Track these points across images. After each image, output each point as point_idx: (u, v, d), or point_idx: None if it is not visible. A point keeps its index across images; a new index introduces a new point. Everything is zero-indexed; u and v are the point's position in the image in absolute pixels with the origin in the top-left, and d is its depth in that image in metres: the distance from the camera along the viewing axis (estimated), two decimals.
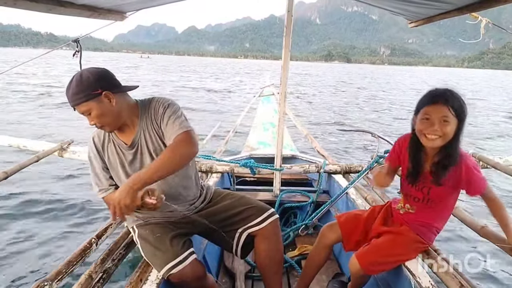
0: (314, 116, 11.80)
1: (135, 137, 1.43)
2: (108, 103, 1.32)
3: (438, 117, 1.27)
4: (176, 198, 1.51)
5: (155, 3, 2.26)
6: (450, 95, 1.27)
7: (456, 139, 1.30)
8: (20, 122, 8.49)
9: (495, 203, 1.36)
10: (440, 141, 1.30)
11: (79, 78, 1.29)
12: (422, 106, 1.32)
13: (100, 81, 1.31)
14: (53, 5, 1.51)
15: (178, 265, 1.34)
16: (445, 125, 1.26)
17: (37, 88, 15.74)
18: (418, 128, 1.33)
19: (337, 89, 24.80)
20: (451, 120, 1.26)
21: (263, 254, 1.55)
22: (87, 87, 1.28)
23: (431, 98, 1.29)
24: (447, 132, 1.27)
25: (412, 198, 1.52)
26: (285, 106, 2.47)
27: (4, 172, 2.16)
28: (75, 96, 1.28)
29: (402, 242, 1.50)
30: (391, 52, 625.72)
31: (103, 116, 1.33)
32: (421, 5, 1.90)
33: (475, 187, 1.35)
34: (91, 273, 1.38)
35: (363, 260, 1.47)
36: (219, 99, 15.58)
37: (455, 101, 1.26)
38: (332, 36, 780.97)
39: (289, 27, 2.25)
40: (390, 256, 1.49)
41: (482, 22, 2.09)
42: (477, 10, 1.74)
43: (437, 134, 1.28)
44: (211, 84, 24.20)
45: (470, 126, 9.86)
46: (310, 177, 3.19)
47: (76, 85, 1.28)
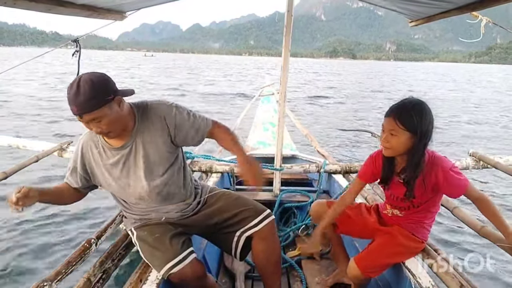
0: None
1: (129, 140, 1.40)
2: (118, 108, 1.29)
3: (388, 129, 1.37)
4: (172, 197, 1.51)
5: (154, 2, 2.26)
6: (400, 109, 1.35)
7: (415, 150, 1.35)
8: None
9: (482, 201, 1.36)
10: (390, 152, 1.40)
11: (90, 82, 1.20)
12: (384, 117, 1.42)
13: (110, 85, 1.27)
14: (53, 5, 1.51)
15: (178, 264, 1.34)
16: (392, 137, 1.36)
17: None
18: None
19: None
20: (399, 133, 1.33)
21: (261, 255, 1.55)
22: (102, 92, 1.22)
23: (387, 112, 1.39)
24: (393, 144, 1.36)
25: (398, 207, 1.57)
26: (285, 106, 2.46)
27: (4, 173, 2.16)
28: (88, 103, 1.19)
29: (397, 242, 1.53)
30: (397, 47, 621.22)
31: (113, 123, 1.28)
32: (422, 4, 1.90)
33: (456, 188, 1.37)
34: (90, 273, 1.38)
35: (362, 265, 1.49)
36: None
37: (403, 115, 1.32)
38: (337, 33, 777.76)
39: (289, 27, 2.25)
40: (387, 257, 1.52)
41: (482, 21, 2.09)
42: (478, 9, 1.74)
43: (386, 146, 1.38)
44: (243, 87, 20.44)
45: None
46: (310, 177, 3.19)
47: (89, 90, 1.19)
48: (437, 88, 24.76)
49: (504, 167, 2.44)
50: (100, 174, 1.45)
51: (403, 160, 1.43)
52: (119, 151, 1.40)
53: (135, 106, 1.43)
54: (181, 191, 1.53)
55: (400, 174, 1.47)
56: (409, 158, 1.38)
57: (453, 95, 19.95)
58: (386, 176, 1.51)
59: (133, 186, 1.44)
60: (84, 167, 1.45)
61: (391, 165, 1.49)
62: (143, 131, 1.41)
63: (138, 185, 1.43)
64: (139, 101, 1.47)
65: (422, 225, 1.55)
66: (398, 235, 1.53)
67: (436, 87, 24.99)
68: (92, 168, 1.45)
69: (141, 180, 1.42)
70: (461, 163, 2.66)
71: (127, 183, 1.43)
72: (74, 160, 1.47)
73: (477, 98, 18.75)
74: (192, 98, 14.90)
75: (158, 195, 1.46)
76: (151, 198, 1.46)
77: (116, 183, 1.44)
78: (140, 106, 1.44)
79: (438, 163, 1.37)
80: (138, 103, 1.45)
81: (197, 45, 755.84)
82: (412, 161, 1.37)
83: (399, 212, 1.57)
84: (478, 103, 16.29)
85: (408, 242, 1.53)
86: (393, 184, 1.52)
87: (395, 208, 1.58)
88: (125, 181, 1.43)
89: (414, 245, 1.54)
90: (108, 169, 1.43)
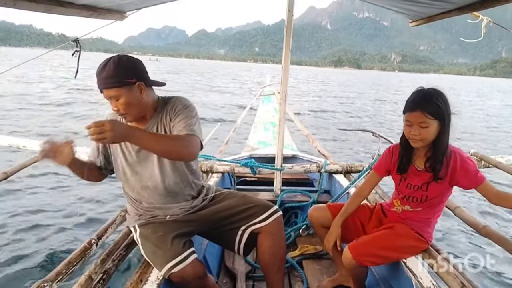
0: None
1: (147, 128, 1.44)
2: (138, 93, 1.34)
3: (417, 123, 1.38)
4: (176, 194, 1.52)
5: (154, 2, 2.26)
6: (425, 101, 1.37)
7: (442, 135, 1.40)
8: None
9: (502, 193, 1.38)
10: (421, 143, 1.42)
11: (117, 61, 1.28)
12: (404, 112, 1.44)
13: (137, 70, 1.32)
14: (53, 5, 1.51)
15: (178, 264, 1.34)
16: (424, 129, 1.38)
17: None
18: (404, 131, 1.47)
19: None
20: (430, 123, 1.37)
21: (268, 250, 1.56)
22: (124, 73, 1.28)
23: (410, 106, 1.41)
24: (426, 135, 1.39)
25: (411, 199, 1.56)
26: (285, 106, 2.46)
27: (4, 173, 2.16)
28: (109, 80, 1.27)
29: (396, 234, 1.53)
30: (402, 58, 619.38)
31: (130, 106, 1.33)
32: (422, 4, 1.90)
33: (472, 177, 1.40)
34: (91, 273, 1.37)
35: (355, 251, 1.50)
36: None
37: (431, 106, 1.36)
38: (343, 42, 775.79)
39: (289, 27, 2.25)
40: (382, 247, 1.51)
41: (483, 21, 2.09)
42: (478, 9, 1.74)
43: (417, 138, 1.40)
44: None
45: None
46: (311, 177, 3.18)
47: (113, 68, 1.26)
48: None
49: (506, 167, 2.44)
50: (117, 155, 1.49)
51: (424, 148, 1.46)
52: None
53: (162, 99, 1.49)
54: (187, 186, 1.55)
55: (418, 164, 1.50)
56: (436, 144, 1.41)
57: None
58: (404, 167, 1.53)
59: (140, 174, 1.47)
60: (104, 144, 1.48)
61: (410, 156, 1.52)
62: (159, 123, 1.45)
63: (146, 174, 1.46)
64: (169, 96, 1.52)
65: (428, 224, 1.56)
66: (399, 229, 1.54)
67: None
68: (111, 146, 1.49)
69: (151, 170, 1.45)
70: None
71: (137, 170, 1.47)
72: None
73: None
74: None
75: (162, 189, 1.48)
76: (155, 192, 1.48)
77: (128, 169, 1.47)
78: (165, 99, 1.49)
79: (456, 151, 1.43)
80: (165, 97, 1.50)
81: (203, 51, 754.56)
82: (440, 146, 1.40)
83: (410, 207, 1.57)
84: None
85: (410, 239, 1.53)
86: (410, 174, 1.53)
87: (406, 203, 1.58)
88: (137, 168, 1.47)
89: (416, 244, 1.54)
90: (125, 153, 1.47)
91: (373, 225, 1.68)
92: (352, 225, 1.69)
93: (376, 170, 1.67)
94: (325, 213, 1.74)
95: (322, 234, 1.77)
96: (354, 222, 1.70)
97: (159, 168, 1.46)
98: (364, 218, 1.72)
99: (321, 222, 1.76)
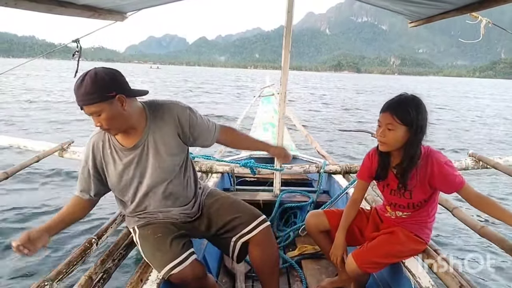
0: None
1: (141, 139, 1.40)
2: (120, 106, 1.27)
3: (385, 124, 1.39)
4: (176, 198, 1.52)
5: (155, 3, 2.26)
6: (397, 105, 1.38)
7: (411, 143, 1.38)
8: None
9: (482, 198, 1.37)
10: (386, 147, 1.42)
11: (93, 77, 1.21)
12: (380, 112, 1.44)
13: (115, 83, 1.26)
14: (54, 5, 1.51)
15: (178, 265, 1.34)
16: (390, 132, 1.38)
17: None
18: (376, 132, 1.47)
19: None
20: (396, 127, 1.36)
21: (257, 259, 1.55)
22: (103, 88, 1.22)
23: (383, 107, 1.42)
24: (391, 139, 1.38)
25: (398, 206, 1.56)
26: (285, 107, 2.47)
27: (5, 173, 2.16)
28: (88, 96, 1.21)
29: (398, 240, 1.53)
30: (401, 62, 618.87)
31: (112, 120, 1.28)
32: (421, 4, 1.91)
33: (450, 183, 1.38)
34: (91, 273, 1.38)
35: (360, 259, 1.50)
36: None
37: (401, 110, 1.35)
38: (342, 46, 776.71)
39: (288, 28, 2.25)
40: (387, 255, 1.51)
41: (482, 22, 2.10)
42: (477, 10, 1.75)
43: (382, 140, 1.41)
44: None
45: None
46: (310, 177, 3.19)
47: (91, 83, 1.20)
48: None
49: (504, 168, 2.44)
50: (112, 172, 1.43)
51: (399, 154, 1.44)
52: (131, 151, 1.41)
53: (147, 105, 1.43)
54: (185, 191, 1.54)
55: (395, 169, 1.48)
56: (404, 152, 1.40)
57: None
58: (382, 171, 1.52)
59: (142, 183, 1.45)
60: (95, 167, 1.44)
61: (386, 161, 1.50)
62: (155, 130, 1.41)
63: (146, 183, 1.44)
64: (151, 100, 1.47)
65: (426, 225, 1.55)
66: (400, 235, 1.53)
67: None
68: (104, 165, 1.43)
69: (150, 178, 1.43)
70: (461, 164, 2.66)
71: (139, 181, 1.45)
72: (85, 161, 1.45)
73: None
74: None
75: (163, 193, 1.47)
76: (156, 197, 1.47)
77: (128, 183, 1.44)
78: (152, 105, 1.44)
79: (433, 156, 1.40)
80: (150, 102, 1.46)
81: (203, 58, 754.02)
82: (407, 154, 1.39)
83: (402, 213, 1.57)
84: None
85: (410, 242, 1.53)
86: (390, 180, 1.53)
87: (395, 209, 1.58)
88: (137, 180, 1.44)
89: (416, 247, 1.53)
90: (121, 170, 1.42)
91: (370, 230, 1.67)
92: (350, 231, 1.69)
93: (360, 178, 1.66)
94: (322, 219, 1.74)
95: (319, 240, 1.77)
96: (351, 229, 1.69)
97: (156, 175, 1.43)
98: (361, 224, 1.71)
99: (319, 228, 1.75)
